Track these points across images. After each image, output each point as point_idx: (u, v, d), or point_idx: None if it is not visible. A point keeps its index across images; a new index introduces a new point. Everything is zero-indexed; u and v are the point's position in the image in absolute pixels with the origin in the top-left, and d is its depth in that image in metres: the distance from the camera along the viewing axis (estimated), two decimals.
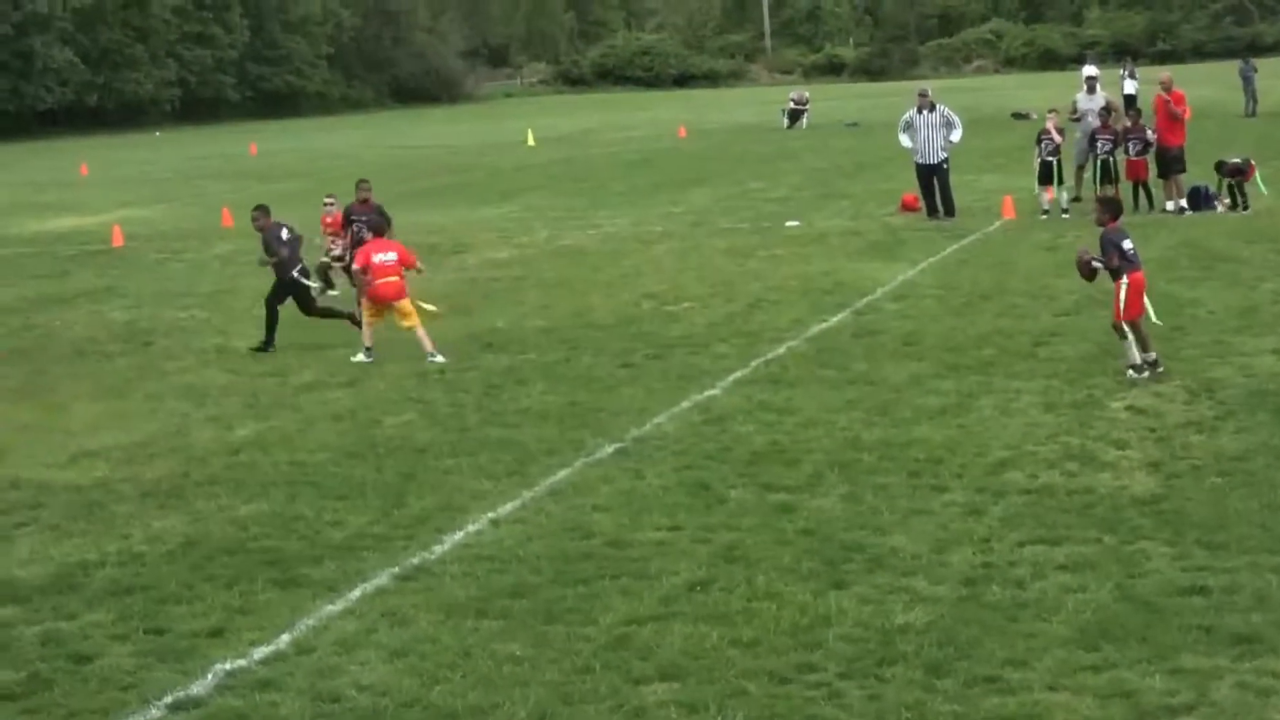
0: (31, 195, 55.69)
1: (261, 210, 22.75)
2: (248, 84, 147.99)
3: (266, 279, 28.52)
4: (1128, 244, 17.57)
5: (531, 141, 68.89)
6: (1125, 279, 17.44)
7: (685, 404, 17.37)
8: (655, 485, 14.17)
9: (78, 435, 17.46)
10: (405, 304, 20.82)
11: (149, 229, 40.15)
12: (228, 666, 10.43)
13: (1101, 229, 17.81)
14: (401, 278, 20.84)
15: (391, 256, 20.83)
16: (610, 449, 15.57)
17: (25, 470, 15.95)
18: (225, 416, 18.03)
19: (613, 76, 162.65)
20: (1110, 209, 18.19)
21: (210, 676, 10.28)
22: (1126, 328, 17.49)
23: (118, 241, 36.71)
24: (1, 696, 10.12)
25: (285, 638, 10.91)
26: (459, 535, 13.04)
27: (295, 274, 22.13)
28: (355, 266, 21.63)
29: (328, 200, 28.91)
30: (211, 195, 49.56)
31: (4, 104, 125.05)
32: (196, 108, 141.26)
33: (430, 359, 20.46)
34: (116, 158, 79.26)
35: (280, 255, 22.07)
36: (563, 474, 14.75)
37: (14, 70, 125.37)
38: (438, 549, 12.70)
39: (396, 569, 12.22)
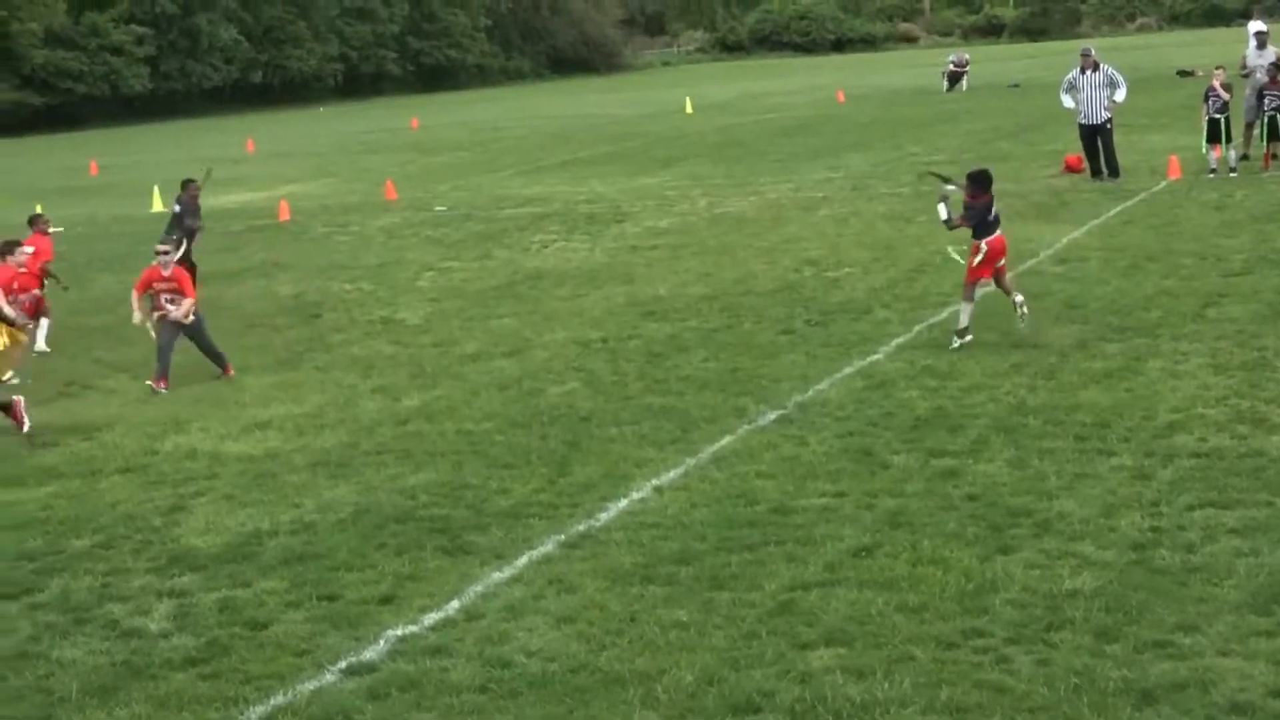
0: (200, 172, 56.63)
1: None
2: (408, 58, 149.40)
3: (429, 251, 28.95)
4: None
5: (689, 109, 68.86)
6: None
7: (847, 370, 17.33)
8: (818, 451, 14.16)
9: (249, 407, 17.81)
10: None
11: (314, 203, 40.75)
12: (399, 632, 10.61)
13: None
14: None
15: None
16: (773, 415, 15.58)
17: (200, 441, 16.32)
18: (392, 387, 18.28)
19: (770, 42, 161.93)
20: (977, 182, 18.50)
21: (382, 642, 10.47)
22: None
23: (284, 216, 37.31)
24: (183, 661, 10.39)
25: (454, 604, 11.07)
26: (623, 503, 13.13)
27: None
28: None
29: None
30: (375, 169, 50.15)
31: (173, 82, 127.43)
32: (358, 83, 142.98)
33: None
34: (281, 133, 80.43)
35: None
36: (725, 441, 14.79)
37: (181, 49, 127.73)
38: (603, 516, 12.80)
39: (562, 536, 12.34)
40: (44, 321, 22.34)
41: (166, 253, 19.31)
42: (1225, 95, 31.23)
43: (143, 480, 14.96)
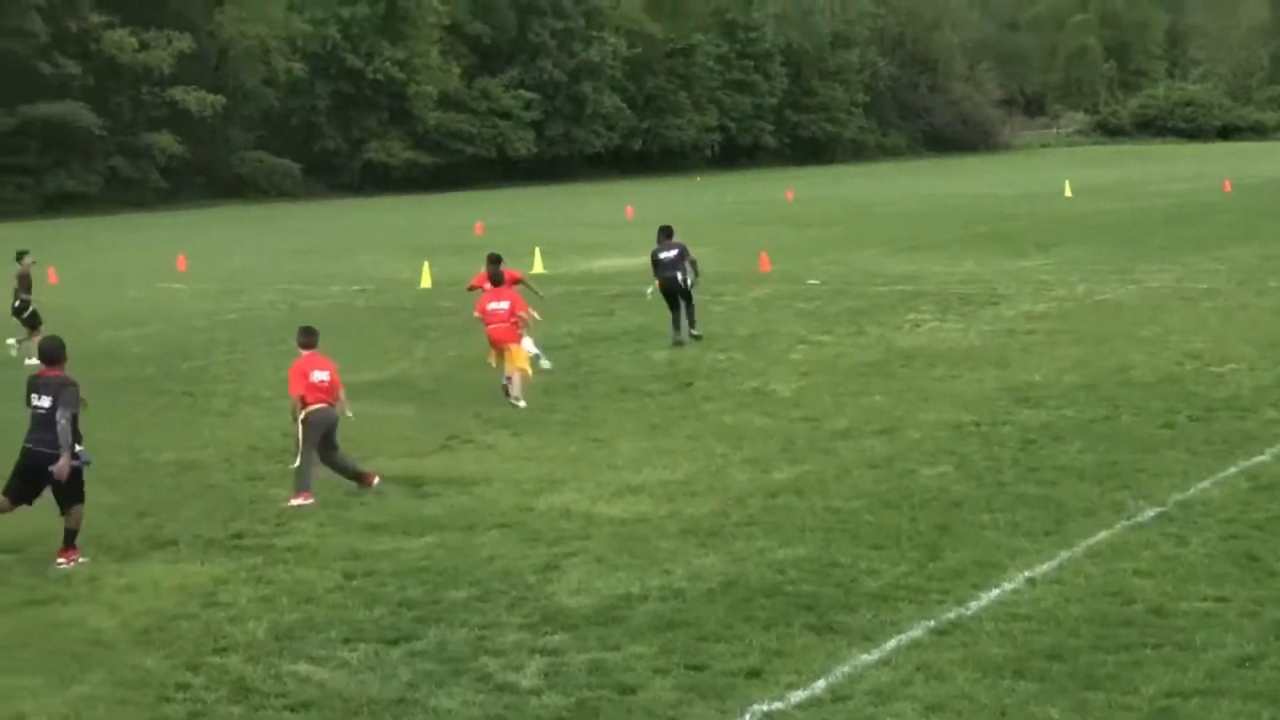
0: (581, 236, 58.11)
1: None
2: (785, 130, 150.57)
3: (802, 324, 29.02)
4: None
5: (1069, 192, 67.75)
6: None
7: (1232, 469, 16.74)
8: (1200, 553, 13.71)
9: (622, 470, 18.09)
10: (515, 348, 22.71)
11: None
12: (765, 708, 10.61)
13: None
14: (513, 324, 22.82)
15: (504, 305, 22.97)
16: (1152, 512, 15.15)
17: (574, 501, 16.64)
18: (763, 459, 18.36)
19: (1153, 127, 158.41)
20: None
21: (748, 717, 10.48)
22: None
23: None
24: (555, 718, 10.58)
25: (821, 684, 11.02)
26: (995, 592, 12.91)
27: None
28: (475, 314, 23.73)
29: None
30: (749, 240, 50.62)
31: (557, 147, 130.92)
32: (735, 153, 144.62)
33: (514, 402, 22.30)
34: (659, 201, 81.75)
35: None
36: (1102, 535, 14.43)
37: (567, 115, 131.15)
38: (973, 605, 12.61)
39: (932, 622, 12.20)
40: None
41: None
42: None
43: (518, 536, 15.32)
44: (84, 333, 33.17)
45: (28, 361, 29.99)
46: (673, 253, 29.03)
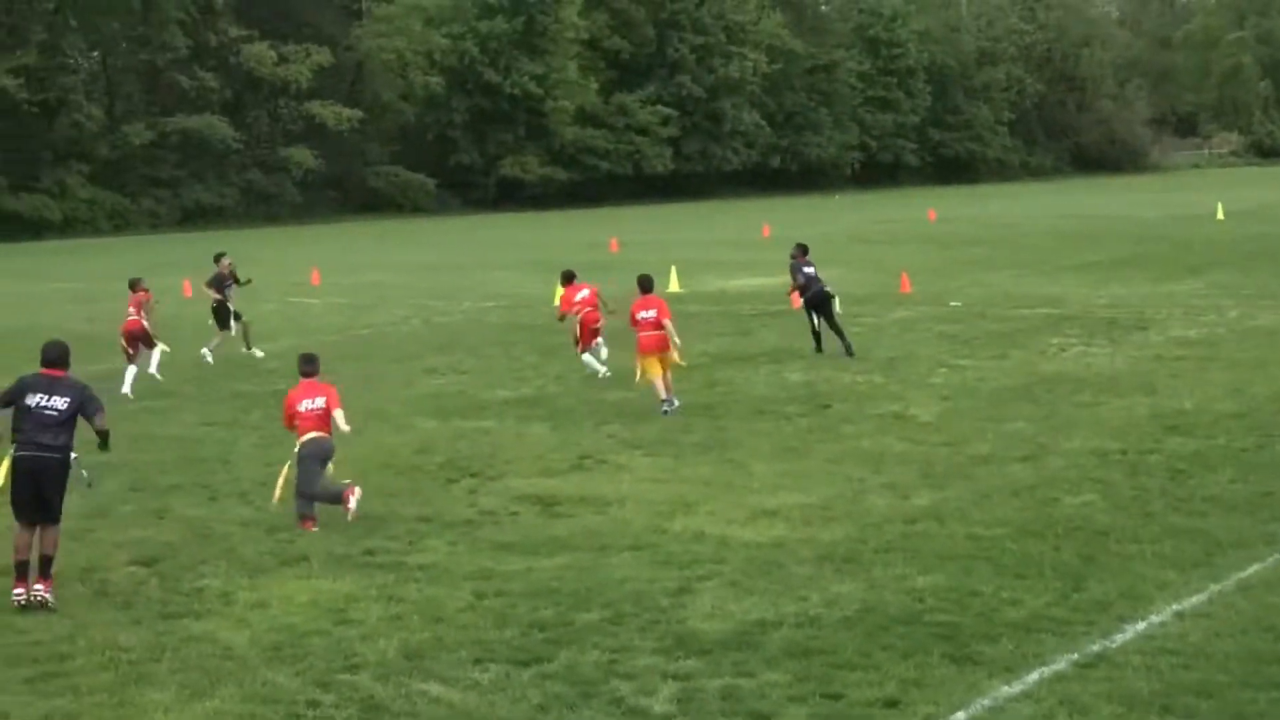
0: (718, 254, 57.94)
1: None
2: (927, 149, 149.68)
3: (943, 347, 28.64)
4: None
5: (1221, 215, 66.54)
6: None
7: None
8: None
9: (757, 493, 17.84)
10: (665, 356, 23.75)
11: None
12: None
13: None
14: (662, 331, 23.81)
15: (652, 313, 23.93)
16: None
17: (708, 524, 16.41)
18: (901, 484, 18.02)
19: None
20: None
21: None
22: None
23: (796, 303, 37.52)
24: None
25: (960, 715, 10.72)
26: (1141, 625, 12.51)
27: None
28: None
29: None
30: (889, 260, 50.17)
31: (693, 164, 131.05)
32: (875, 171, 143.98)
33: (665, 406, 23.20)
34: (796, 219, 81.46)
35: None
36: (1253, 569, 13.95)
37: (704, 132, 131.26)
38: (1118, 637, 12.22)
39: (1075, 655, 11.82)
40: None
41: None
42: None
43: (651, 559, 15.11)
44: (219, 346, 33.51)
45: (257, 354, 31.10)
46: (811, 269, 29.72)
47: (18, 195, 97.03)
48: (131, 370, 27.81)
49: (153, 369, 28.42)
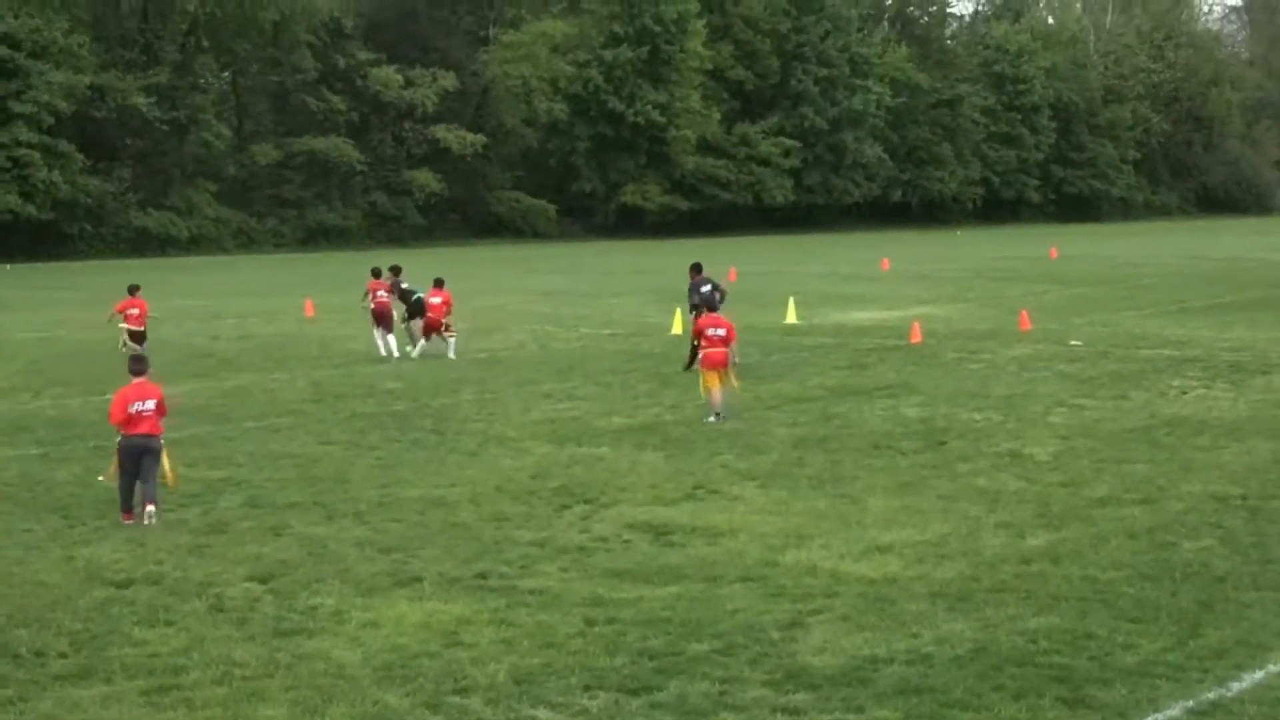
0: (835, 287, 57.79)
1: None
2: (1050, 186, 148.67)
3: (1062, 386, 28.39)
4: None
5: None
6: None
7: None
8: None
9: (870, 528, 17.74)
10: (725, 372, 25.67)
11: (946, 327, 40.74)
12: None
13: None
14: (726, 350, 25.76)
15: (722, 332, 25.89)
16: None
17: (821, 558, 16.34)
18: (1017, 523, 17.85)
19: None
20: None
21: None
22: None
23: (915, 338, 37.41)
24: None
25: None
26: (1259, 674, 12.31)
27: None
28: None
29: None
30: (1009, 297, 49.83)
31: (814, 195, 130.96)
32: (997, 207, 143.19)
33: (712, 417, 25.44)
34: (916, 254, 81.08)
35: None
36: None
37: (826, 164, 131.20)
38: (1235, 686, 12.03)
39: (1190, 702, 11.66)
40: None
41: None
42: None
43: (762, 591, 15.07)
44: (339, 366, 33.89)
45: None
46: (709, 287, 31.83)
47: (146, 211, 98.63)
48: (390, 337, 35.88)
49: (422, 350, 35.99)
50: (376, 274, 37.85)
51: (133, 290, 37.86)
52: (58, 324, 46.48)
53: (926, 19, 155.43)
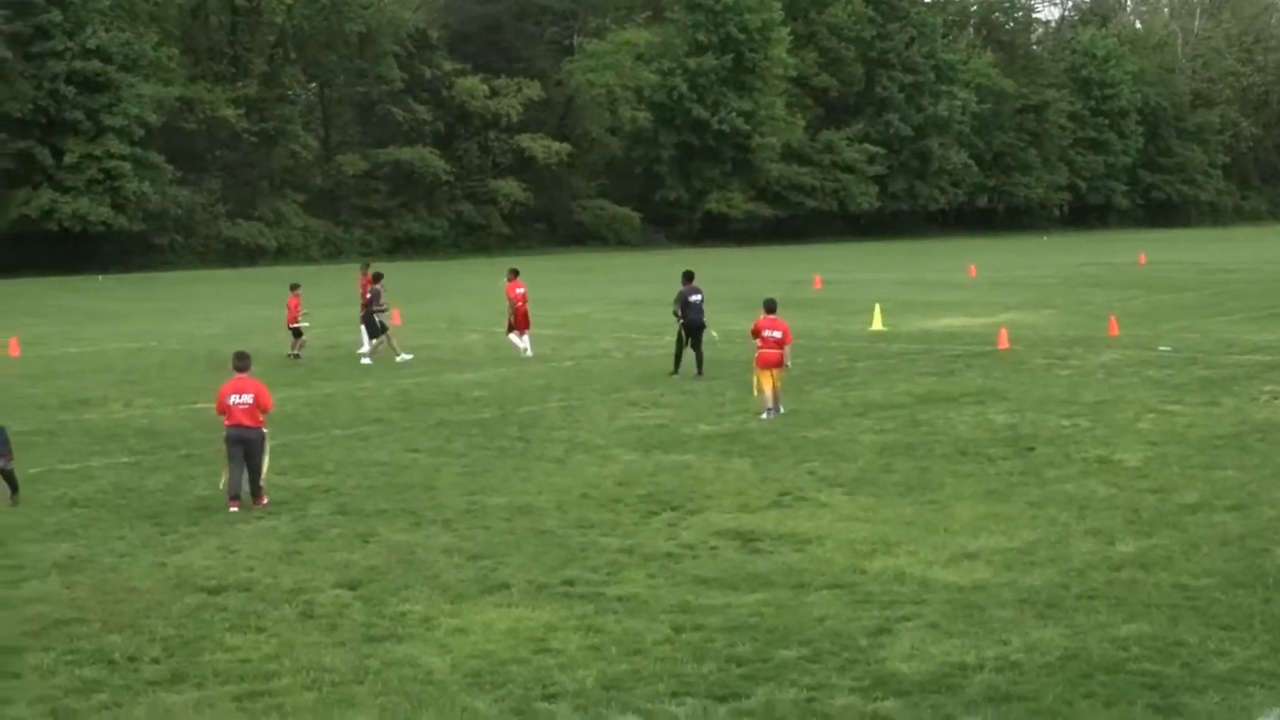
0: (922, 294, 57.56)
1: None
2: (1138, 191, 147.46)
3: (1151, 392, 28.16)
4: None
5: None
6: None
7: None
8: None
9: (958, 535, 17.65)
10: (778, 374, 27.06)
11: (1034, 334, 40.48)
12: None
13: None
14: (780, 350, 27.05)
15: (778, 334, 27.13)
16: None
17: (909, 564, 16.28)
18: (1106, 530, 17.72)
19: None
20: None
21: None
22: None
23: (1003, 344, 37.19)
24: None
25: None
26: None
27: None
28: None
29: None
30: (1097, 303, 49.46)
31: (899, 202, 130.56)
32: (1084, 213, 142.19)
33: (764, 414, 26.65)
34: (1002, 260, 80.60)
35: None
36: None
37: (911, 170, 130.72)
38: None
39: None
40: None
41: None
42: None
43: (850, 598, 15.03)
44: (428, 373, 34.08)
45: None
46: (698, 297, 33.49)
47: (235, 222, 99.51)
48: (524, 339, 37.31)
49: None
50: (364, 265, 42.34)
51: (294, 288, 39.94)
52: (149, 334, 46.97)
53: (1012, 25, 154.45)
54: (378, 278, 39.21)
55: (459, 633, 14.06)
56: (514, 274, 38.57)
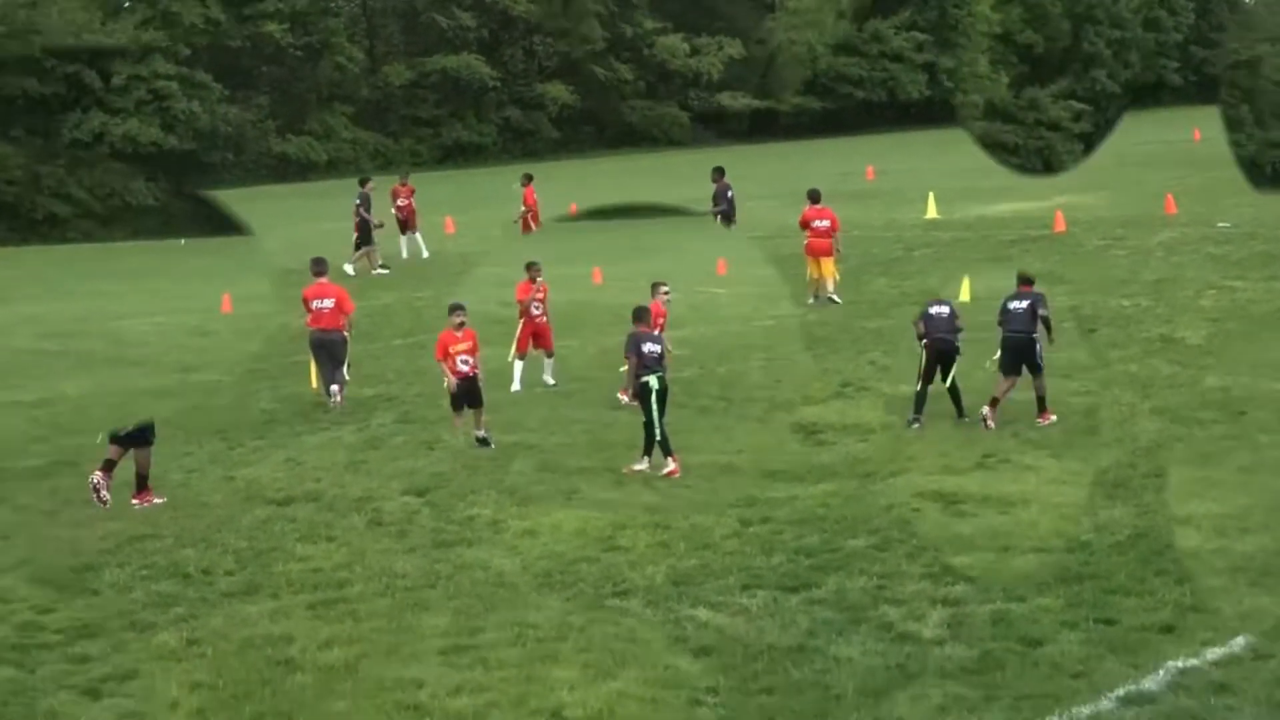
0: (974, 180, 57.04)
1: None
2: (1190, 67, 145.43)
3: (1211, 268, 27.87)
4: None
5: None
6: None
7: None
8: None
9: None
10: (828, 262, 27.39)
11: (1090, 215, 40.04)
12: (1180, 664, 10.20)
13: None
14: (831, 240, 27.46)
15: (826, 224, 27.54)
16: None
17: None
18: (1171, 409, 17.62)
19: None
20: None
21: (1162, 673, 10.09)
22: None
23: (1059, 227, 36.84)
24: (956, 670, 10.35)
25: (1240, 640, 10.51)
26: None
27: None
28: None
29: None
30: (1152, 183, 48.84)
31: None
32: (1139, 92, 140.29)
33: (833, 298, 26.99)
34: None
35: None
36: None
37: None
38: None
39: None
40: None
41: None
42: None
43: (912, 489, 15.01)
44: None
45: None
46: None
47: (285, 138, 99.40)
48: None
49: None
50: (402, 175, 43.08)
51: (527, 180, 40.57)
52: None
53: None
54: (363, 182, 40.18)
55: (528, 535, 14.13)
56: (528, 179, 40.01)
